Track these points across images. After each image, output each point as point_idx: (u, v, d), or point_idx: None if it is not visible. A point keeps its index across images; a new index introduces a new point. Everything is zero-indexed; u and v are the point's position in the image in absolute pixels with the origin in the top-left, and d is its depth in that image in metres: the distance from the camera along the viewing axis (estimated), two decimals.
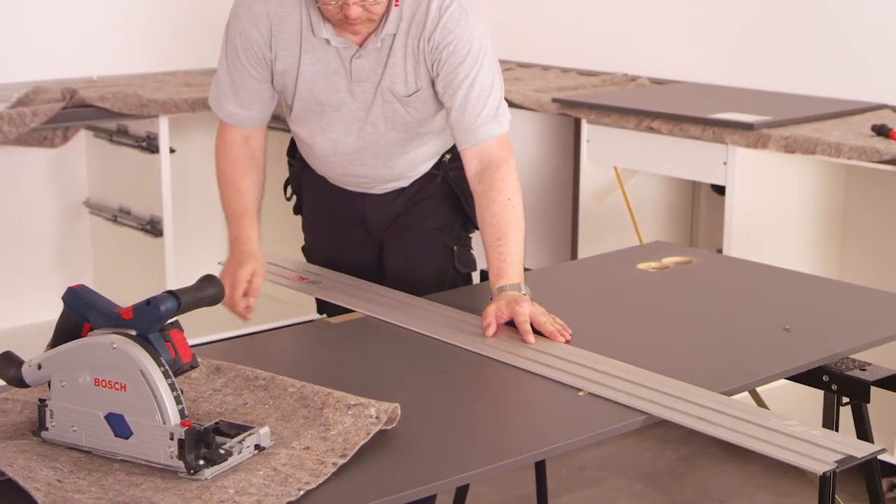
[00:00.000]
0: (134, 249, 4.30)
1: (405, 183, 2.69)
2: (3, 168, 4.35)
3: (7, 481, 1.59)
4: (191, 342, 1.74)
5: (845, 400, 2.16)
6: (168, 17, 4.68)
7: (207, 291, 1.75)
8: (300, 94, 2.53)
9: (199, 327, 3.94)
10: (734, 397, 1.97)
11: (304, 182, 2.78)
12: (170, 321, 1.72)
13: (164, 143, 4.10)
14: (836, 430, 2.17)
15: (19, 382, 1.74)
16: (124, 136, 4.24)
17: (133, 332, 1.68)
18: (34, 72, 4.33)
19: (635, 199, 4.22)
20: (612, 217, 4.18)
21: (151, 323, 1.69)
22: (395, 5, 2.41)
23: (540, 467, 2.85)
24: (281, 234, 4.62)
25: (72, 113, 3.93)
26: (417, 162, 2.66)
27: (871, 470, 2.16)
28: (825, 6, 4.09)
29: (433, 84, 2.49)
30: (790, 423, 1.82)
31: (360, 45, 2.46)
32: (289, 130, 2.68)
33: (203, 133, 4.74)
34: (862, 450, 1.74)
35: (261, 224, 2.58)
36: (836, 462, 1.71)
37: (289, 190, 2.86)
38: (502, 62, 4.81)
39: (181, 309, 1.70)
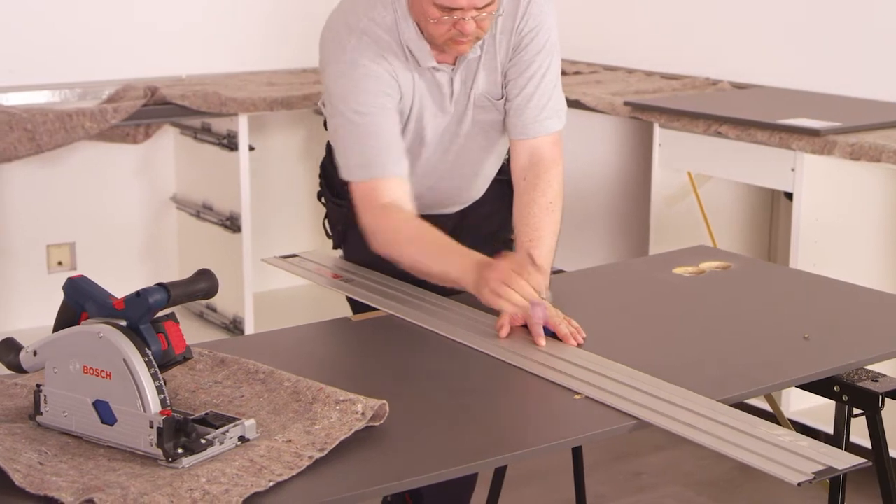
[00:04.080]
0: (215, 244, 4.41)
1: (479, 194, 2.65)
2: (97, 163, 4.49)
3: None
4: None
5: (858, 411, 2.12)
6: (257, 18, 4.77)
7: (199, 285, 1.80)
8: (409, 130, 2.44)
9: None
10: (744, 406, 1.95)
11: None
12: (165, 313, 1.78)
13: (243, 141, 4.18)
14: (847, 440, 2.14)
15: (18, 368, 1.82)
16: (207, 133, 4.34)
17: (123, 323, 1.74)
18: (125, 70, 4.46)
19: (712, 204, 4.16)
20: (686, 222, 4.13)
21: (141, 314, 1.74)
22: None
23: (578, 472, 2.86)
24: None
25: (153, 110, 4.05)
26: (496, 164, 2.63)
27: (884, 473, 2.12)
28: None
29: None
30: (778, 433, 1.80)
31: (454, 63, 2.41)
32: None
33: (281, 132, 4.83)
34: (844, 461, 1.72)
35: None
36: (814, 473, 1.68)
37: (327, 226, 2.69)
38: (588, 64, 4.85)
39: (171, 301, 1.75)
